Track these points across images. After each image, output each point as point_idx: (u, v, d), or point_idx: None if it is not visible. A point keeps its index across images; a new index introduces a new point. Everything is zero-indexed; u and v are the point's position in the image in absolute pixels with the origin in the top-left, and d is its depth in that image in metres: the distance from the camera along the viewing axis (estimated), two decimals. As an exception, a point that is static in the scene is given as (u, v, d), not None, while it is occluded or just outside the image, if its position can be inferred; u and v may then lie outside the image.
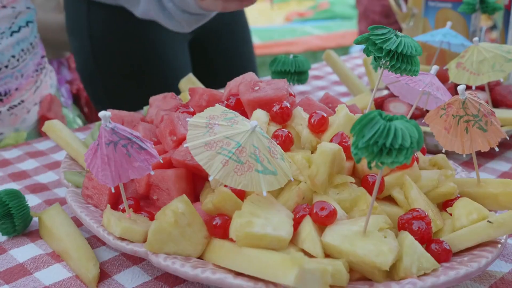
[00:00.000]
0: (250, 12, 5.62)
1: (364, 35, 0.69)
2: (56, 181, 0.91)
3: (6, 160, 0.98)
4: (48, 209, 0.74)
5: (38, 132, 1.18)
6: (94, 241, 0.73)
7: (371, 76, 1.21)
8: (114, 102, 1.43)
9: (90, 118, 1.72)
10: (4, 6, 0.96)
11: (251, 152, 0.60)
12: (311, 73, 1.47)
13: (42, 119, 1.19)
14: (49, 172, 0.94)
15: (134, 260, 0.70)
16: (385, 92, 1.08)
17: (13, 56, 1.00)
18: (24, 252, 0.72)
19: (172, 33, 1.42)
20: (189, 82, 1.08)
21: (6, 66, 1.00)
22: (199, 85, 1.08)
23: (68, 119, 1.33)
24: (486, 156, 0.98)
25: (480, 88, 1.02)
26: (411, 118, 0.98)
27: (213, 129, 0.61)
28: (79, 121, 1.48)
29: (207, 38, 1.52)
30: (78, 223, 0.75)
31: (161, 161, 0.65)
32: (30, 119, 1.14)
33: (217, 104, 0.67)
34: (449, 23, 1.05)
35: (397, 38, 0.68)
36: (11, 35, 0.99)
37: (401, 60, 0.67)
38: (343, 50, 4.44)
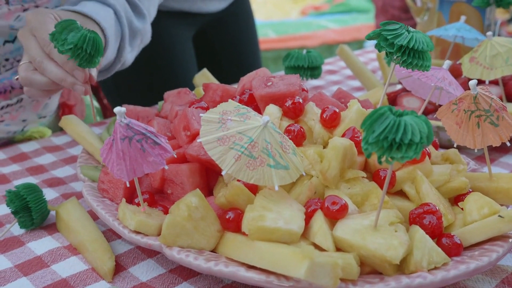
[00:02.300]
0: (266, 6, 5.56)
1: (375, 31, 0.69)
2: (72, 175, 0.92)
3: (24, 154, 1.00)
4: (65, 203, 0.76)
5: (59, 118, 1.20)
6: (110, 235, 0.75)
7: (384, 70, 1.21)
8: (124, 95, 1.44)
9: (110, 110, 1.72)
10: (37, 6, 0.98)
11: (263, 147, 0.61)
12: (325, 67, 1.47)
13: (62, 105, 1.23)
14: (66, 167, 0.95)
15: (149, 253, 0.71)
16: (399, 86, 1.08)
17: None
18: (41, 244, 0.73)
19: (178, 29, 1.43)
20: (203, 77, 1.09)
21: None
22: (213, 80, 1.09)
23: (87, 102, 1.34)
24: (499, 150, 0.98)
25: (494, 82, 1.02)
26: (424, 112, 0.98)
27: (226, 124, 0.62)
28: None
29: (212, 28, 1.54)
30: (94, 216, 0.77)
31: (175, 156, 0.66)
32: (52, 105, 1.16)
33: (230, 100, 0.68)
34: (463, 17, 1.05)
35: (408, 33, 0.68)
36: None
37: (412, 55, 0.68)
38: (359, 43, 4.42)
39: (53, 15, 0.83)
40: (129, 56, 0.99)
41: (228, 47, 1.58)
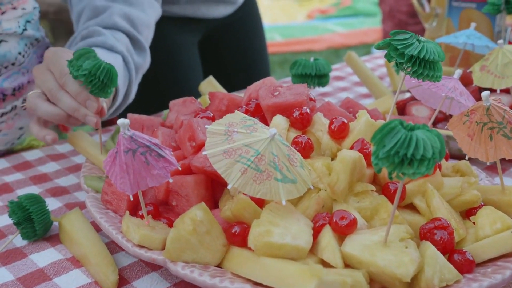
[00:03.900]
0: (272, 10, 5.54)
1: (385, 40, 0.68)
2: (76, 184, 0.91)
3: (28, 162, 0.99)
4: (68, 214, 0.74)
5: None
6: (114, 247, 0.73)
7: (393, 77, 1.20)
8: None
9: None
10: (14, 8, 0.98)
11: (270, 160, 0.59)
12: (332, 74, 1.46)
13: None
14: (70, 175, 0.94)
15: (153, 266, 0.70)
16: (408, 94, 1.06)
17: (19, 53, 1.02)
18: (44, 256, 0.72)
19: (182, 34, 1.42)
20: (209, 84, 1.07)
21: (13, 64, 1.02)
22: (219, 87, 1.07)
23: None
24: (510, 160, 0.96)
25: (505, 91, 1.00)
26: (434, 121, 0.97)
27: (232, 137, 0.61)
28: None
29: (218, 33, 1.52)
30: (97, 227, 0.75)
31: (180, 169, 0.65)
32: None
33: (236, 111, 0.66)
34: (473, 25, 1.03)
35: (419, 43, 0.66)
36: (21, 33, 1.01)
37: (423, 66, 0.66)
38: (366, 47, 4.40)
39: (72, 53, 0.85)
40: (133, 92, 1.01)
41: (235, 52, 1.57)
